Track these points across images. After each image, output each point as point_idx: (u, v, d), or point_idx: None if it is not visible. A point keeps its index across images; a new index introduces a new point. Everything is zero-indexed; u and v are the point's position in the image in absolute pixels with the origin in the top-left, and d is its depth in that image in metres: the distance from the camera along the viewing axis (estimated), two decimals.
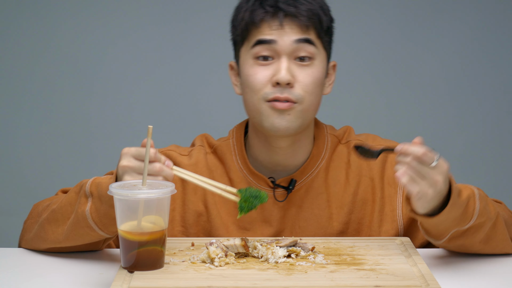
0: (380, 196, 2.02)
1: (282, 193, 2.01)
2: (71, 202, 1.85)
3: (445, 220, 1.75)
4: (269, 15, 1.92)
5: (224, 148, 2.05)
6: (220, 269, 1.69)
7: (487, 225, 1.82)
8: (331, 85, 2.02)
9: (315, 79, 1.93)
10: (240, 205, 1.76)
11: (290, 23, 1.92)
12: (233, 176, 2.02)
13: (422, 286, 1.59)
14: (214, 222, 2.00)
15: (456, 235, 1.81)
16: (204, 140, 2.09)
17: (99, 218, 1.78)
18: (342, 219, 2.00)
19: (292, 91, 1.91)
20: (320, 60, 1.95)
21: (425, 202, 1.72)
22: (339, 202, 2.01)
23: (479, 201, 1.79)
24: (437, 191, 1.72)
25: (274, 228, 2.00)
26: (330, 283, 1.61)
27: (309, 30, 1.92)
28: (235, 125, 2.08)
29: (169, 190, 1.66)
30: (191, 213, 2.02)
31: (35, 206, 1.99)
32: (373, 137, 2.08)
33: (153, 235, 1.65)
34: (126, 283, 1.60)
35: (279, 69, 1.91)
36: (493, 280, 1.78)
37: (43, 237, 1.90)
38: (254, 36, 1.93)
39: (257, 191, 1.76)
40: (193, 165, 2.03)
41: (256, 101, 1.93)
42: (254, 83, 1.93)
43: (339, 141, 2.06)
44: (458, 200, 1.75)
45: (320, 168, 2.02)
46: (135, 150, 1.75)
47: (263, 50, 1.92)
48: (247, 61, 1.95)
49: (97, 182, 1.78)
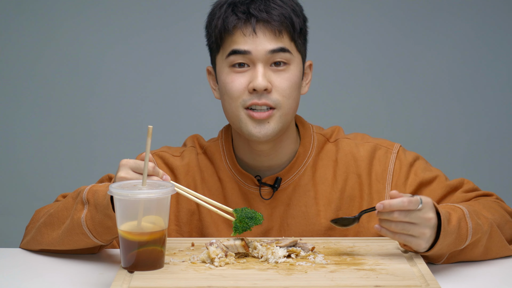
0: (367, 192, 2.03)
1: (268, 192, 2.03)
2: (67, 207, 1.86)
3: (440, 249, 1.77)
4: (241, 22, 1.93)
5: (213, 148, 2.07)
6: (220, 269, 1.69)
7: (483, 239, 1.83)
8: (308, 84, 2.04)
9: (292, 83, 1.95)
10: (234, 225, 1.78)
11: (263, 28, 1.93)
12: (222, 175, 2.04)
13: (422, 286, 1.59)
14: (205, 220, 2.02)
15: (455, 254, 1.83)
16: (196, 141, 2.11)
17: (94, 226, 1.79)
18: (329, 216, 2.02)
19: (269, 97, 1.93)
20: (296, 64, 1.96)
21: (424, 242, 1.73)
22: (326, 199, 2.02)
23: (471, 220, 1.80)
24: (432, 227, 1.73)
25: (262, 226, 2.02)
26: (330, 283, 1.61)
27: (282, 34, 1.93)
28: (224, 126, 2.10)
29: (169, 190, 1.66)
30: (184, 211, 2.04)
31: (37, 212, 2.00)
32: (361, 136, 2.10)
33: (153, 235, 1.65)
34: (126, 283, 1.60)
35: (255, 76, 1.92)
36: (493, 280, 1.78)
37: (39, 240, 1.91)
38: (229, 45, 1.94)
39: (252, 212, 1.78)
40: (185, 165, 2.05)
41: (235, 108, 1.95)
42: (231, 91, 1.94)
43: (327, 139, 2.08)
44: (449, 228, 1.75)
45: (307, 166, 2.04)
46: (133, 162, 1.76)
47: (238, 58, 1.94)
48: (223, 69, 1.96)
49: (94, 190, 1.79)
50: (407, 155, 2.06)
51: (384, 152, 2.05)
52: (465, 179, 2.05)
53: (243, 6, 1.94)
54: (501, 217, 1.93)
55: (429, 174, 2.03)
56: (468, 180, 2.05)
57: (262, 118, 1.94)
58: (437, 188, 2.02)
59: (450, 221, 1.76)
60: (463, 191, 2.02)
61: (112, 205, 1.73)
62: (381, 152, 2.05)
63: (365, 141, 2.07)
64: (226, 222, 2.02)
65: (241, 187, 2.03)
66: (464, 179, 2.05)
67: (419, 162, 2.05)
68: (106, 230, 1.78)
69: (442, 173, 2.05)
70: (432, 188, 2.02)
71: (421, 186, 2.02)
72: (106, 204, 1.73)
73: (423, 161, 2.07)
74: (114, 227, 1.76)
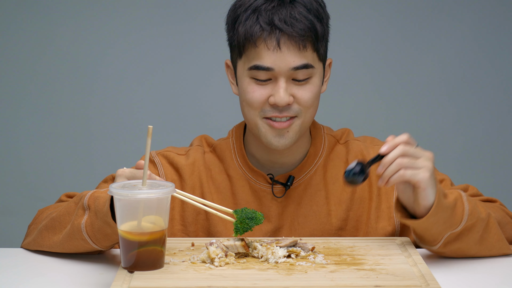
0: (376, 194, 2.03)
1: (280, 190, 2.03)
2: (69, 212, 1.86)
3: (435, 223, 1.77)
4: (265, 33, 1.90)
5: (223, 146, 2.06)
6: (220, 269, 1.69)
7: (479, 225, 1.83)
8: (326, 82, 2.04)
9: (314, 94, 1.95)
10: (235, 226, 1.78)
11: (287, 43, 1.90)
12: (232, 173, 2.04)
13: (422, 286, 1.59)
14: (212, 219, 2.02)
15: (451, 239, 1.82)
16: (203, 140, 2.10)
17: (93, 232, 1.79)
18: (340, 216, 2.02)
19: (291, 109, 1.93)
20: (318, 75, 1.95)
21: (429, 174, 1.75)
22: (337, 199, 2.03)
23: (468, 202, 1.81)
24: (433, 162, 1.77)
25: (273, 224, 2.01)
26: (330, 283, 1.61)
27: (306, 47, 1.91)
28: (234, 125, 2.10)
29: (169, 190, 1.66)
30: (190, 211, 2.03)
31: (40, 212, 2.00)
32: (371, 139, 2.10)
33: (153, 235, 1.65)
34: (126, 283, 1.61)
35: (277, 90, 1.91)
36: (492, 280, 1.78)
37: (40, 243, 1.91)
38: (252, 56, 1.91)
39: (252, 212, 1.78)
40: (190, 164, 2.05)
41: (254, 116, 1.95)
42: (251, 100, 1.94)
43: (337, 141, 2.08)
44: (444, 201, 1.77)
45: (318, 166, 2.04)
46: (129, 172, 1.76)
47: (261, 74, 1.92)
48: (244, 77, 1.95)
49: (96, 196, 1.79)
50: None
51: None
52: (470, 185, 2.05)
53: (267, 14, 1.90)
54: (502, 217, 1.93)
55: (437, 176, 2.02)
56: (473, 186, 2.05)
57: (283, 128, 1.94)
58: None
59: (447, 196, 1.79)
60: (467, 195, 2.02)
61: (111, 213, 1.73)
62: None
63: (374, 144, 2.09)
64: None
65: (252, 184, 2.03)
66: (469, 185, 2.05)
67: None
68: (105, 237, 1.78)
69: (449, 177, 2.06)
70: None
71: None
72: (106, 212, 1.73)
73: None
74: (113, 234, 1.76)
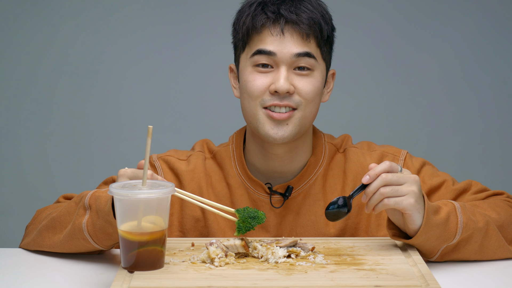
0: None
1: (279, 200, 2.02)
2: (70, 211, 1.86)
3: (427, 240, 1.78)
4: (270, 21, 1.92)
5: (223, 153, 2.05)
6: (220, 269, 1.69)
7: (477, 235, 1.83)
8: (329, 93, 2.03)
9: (315, 88, 1.94)
10: (238, 226, 1.78)
11: (291, 30, 1.91)
12: (231, 181, 2.03)
13: (422, 286, 1.59)
14: (211, 227, 2.02)
15: (448, 251, 1.83)
16: (205, 146, 2.09)
17: (95, 232, 1.79)
18: (338, 225, 2.02)
19: (291, 98, 1.92)
20: (319, 71, 1.96)
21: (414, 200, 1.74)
22: None
23: (462, 214, 1.80)
24: (419, 186, 1.75)
25: (271, 234, 2.01)
26: (330, 283, 1.61)
27: (310, 39, 1.92)
28: (236, 130, 2.09)
29: (169, 190, 1.66)
30: (188, 218, 2.03)
31: (39, 212, 2.00)
32: (368, 144, 2.09)
33: (153, 235, 1.65)
34: (126, 283, 1.61)
35: (278, 78, 1.92)
36: (493, 280, 1.78)
37: (40, 243, 1.91)
38: (255, 43, 1.93)
39: (255, 211, 1.78)
40: (191, 171, 2.04)
41: (253, 107, 1.94)
42: (252, 89, 1.93)
43: (337, 149, 2.07)
44: (434, 219, 1.76)
45: (318, 175, 2.03)
46: (131, 172, 1.76)
47: (263, 59, 1.93)
48: (246, 67, 1.95)
49: (97, 196, 1.79)
50: (414, 162, 2.05)
51: (391, 159, 2.05)
52: (473, 180, 2.04)
53: (274, 6, 1.93)
54: (508, 216, 1.92)
55: (436, 180, 2.03)
56: (476, 181, 2.05)
57: (282, 119, 1.93)
58: (445, 193, 2.01)
59: (439, 212, 1.78)
60: (473, 192, 2.02)
61: (113, 212, 1.73)
62: (388, 159, 2.04)
63: (371, 149, 2.07)
64: (233, 228, 2.00)
65: (251, 194, 2.02)
66: (472, 180, 2.04)
67: (426, 168, 2.05)
68: (107, 236, 1.78)
69: (450, 176, 2.05)
70: (441, 193, 2.01)
71: (430, 192, 2.02)
72: (108, 211, 1.73)
73: (430, 166, 2.06)
74: (114, 234, 1.77)
